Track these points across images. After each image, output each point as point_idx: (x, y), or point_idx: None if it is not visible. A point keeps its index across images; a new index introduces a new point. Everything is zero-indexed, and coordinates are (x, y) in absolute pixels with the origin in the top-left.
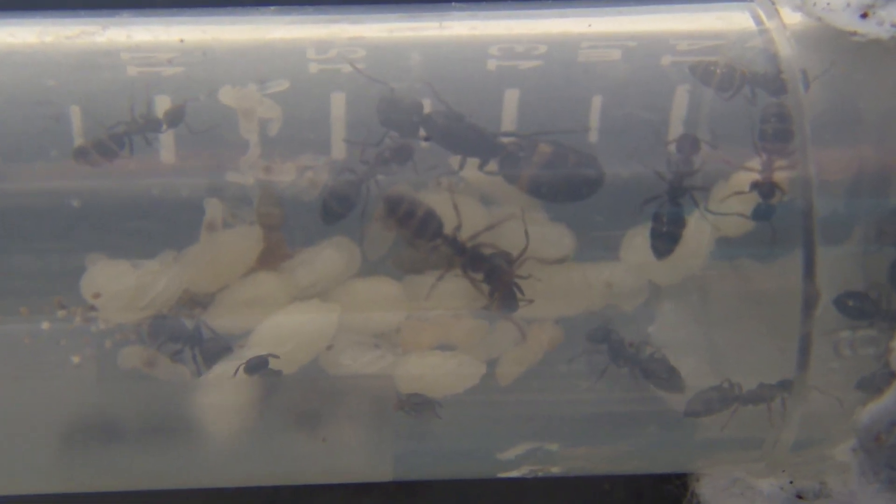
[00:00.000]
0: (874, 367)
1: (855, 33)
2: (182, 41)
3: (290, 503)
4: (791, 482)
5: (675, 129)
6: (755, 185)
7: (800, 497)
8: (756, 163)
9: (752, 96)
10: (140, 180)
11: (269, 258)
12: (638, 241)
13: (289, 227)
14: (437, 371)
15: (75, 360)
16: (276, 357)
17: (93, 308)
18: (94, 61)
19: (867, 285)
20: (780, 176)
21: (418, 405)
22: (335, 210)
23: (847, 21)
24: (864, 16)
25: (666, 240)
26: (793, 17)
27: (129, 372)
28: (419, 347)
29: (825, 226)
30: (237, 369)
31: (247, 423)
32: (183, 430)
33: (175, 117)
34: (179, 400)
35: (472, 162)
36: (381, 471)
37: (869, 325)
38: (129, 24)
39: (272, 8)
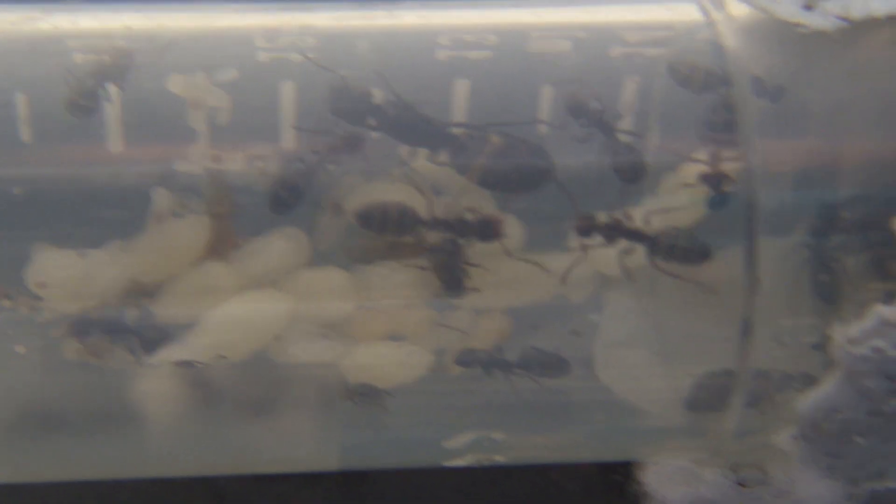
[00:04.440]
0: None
1: (800, 24)
2: (128, 28)
3: (238, 494)
4: (734, 470)
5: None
6: (703, 177)
7: (742, 485)
8: (703, 154)
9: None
10: (87, 169)
11: (218, 248)
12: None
13: (238, 217)
14: (385, 361)
15: (20, 350)
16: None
17: (38, 298)
18: (40, 48)
19: None
20: (727, 167)
21: (366, 395)
22: (285, 200)
23: (792, 12)
24: (808, 7)
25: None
26: (739, 9)
27: (75, 362)
28: (369, 337)
29: (768, 216)
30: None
31: (193, 412)
32: (129, 420)
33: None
34: (125, 390)
35: (423, 152)
36: (327, 460)
37: None
38: (74, 11)
39: None
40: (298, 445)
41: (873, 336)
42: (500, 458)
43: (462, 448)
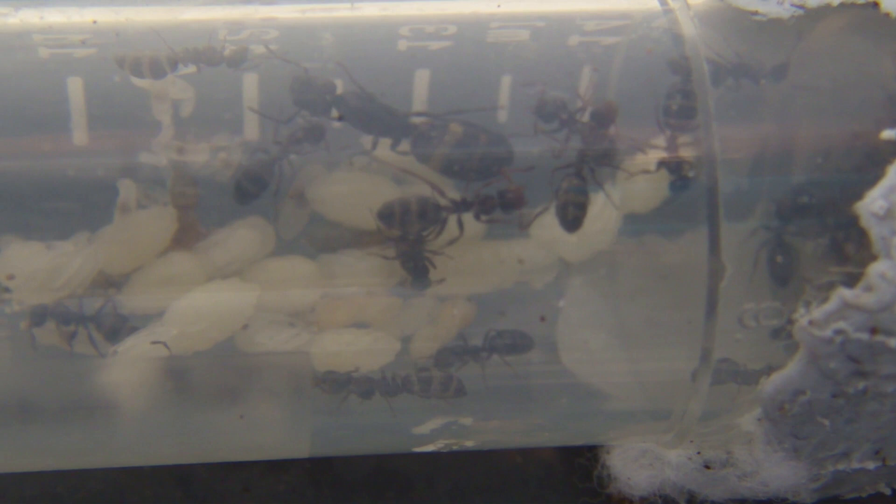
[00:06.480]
0: (778, 339)
1: (756, 13)
2: (95, 22)
3: (205, 482)
4: (699, 452)
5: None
6: (662, 163)
7: (707, 467)
8: (661, 140)
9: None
10: (54, 161)
11: (184, 238)
12: (548, 219)
13: (203, 208)
14: (352, 348)
15: None
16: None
17: (6, 290)
18: (7, 42)
19: None
20: (684, 152)
21: (334, 382)
22: (248, 190)
23: (748, 1)
24: None
25: (573, 213)
26: None
27: (46, 351)
28: (334, 325)
29: (729, 201)
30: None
31: (162, 401)
32: (98, 409)
33: (237, 58)
34: (94, 380)
35: (385, 142)
36: (298, 447)
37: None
38: (41, 6)
39: None
40: (269, 433)
41: (836, 318)
42: (469, 443)
43: (431, 434)
